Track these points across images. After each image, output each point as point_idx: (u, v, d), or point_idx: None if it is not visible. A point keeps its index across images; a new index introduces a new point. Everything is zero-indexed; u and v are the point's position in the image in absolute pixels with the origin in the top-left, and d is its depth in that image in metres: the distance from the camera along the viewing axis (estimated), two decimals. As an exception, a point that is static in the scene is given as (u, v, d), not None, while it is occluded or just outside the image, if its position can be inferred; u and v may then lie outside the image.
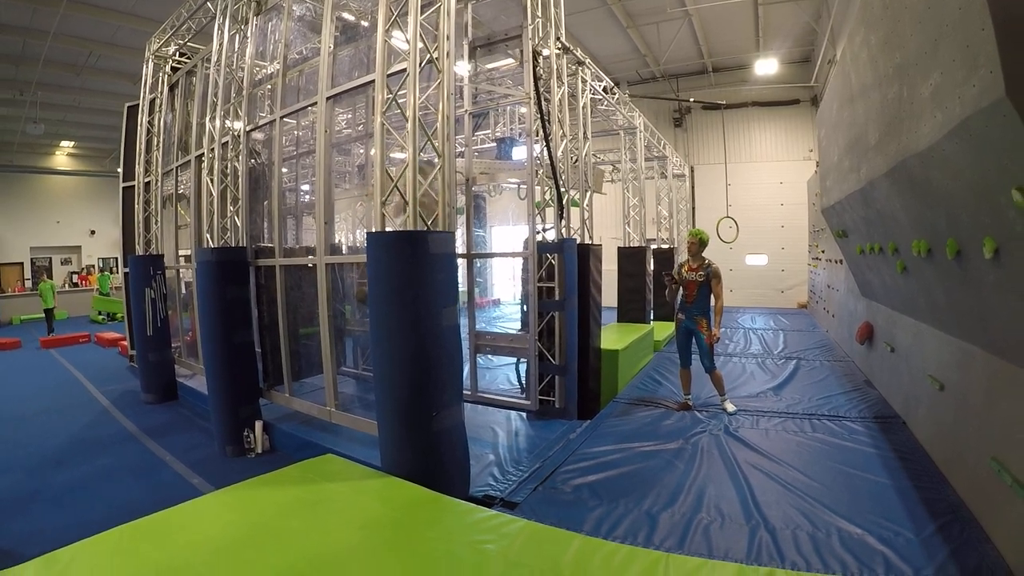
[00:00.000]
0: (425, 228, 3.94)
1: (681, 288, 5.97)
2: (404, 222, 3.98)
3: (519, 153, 8.60)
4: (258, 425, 5.58)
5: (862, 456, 4.49)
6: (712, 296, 5.87)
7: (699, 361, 5.96)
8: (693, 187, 18.27)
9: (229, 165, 6.01)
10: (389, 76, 4.11)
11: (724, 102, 15.72)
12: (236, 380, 5.68)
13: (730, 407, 5.85)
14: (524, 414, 5.89)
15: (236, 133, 6.00)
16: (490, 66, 7.11)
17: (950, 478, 3.90)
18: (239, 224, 5.93)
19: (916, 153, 3.26)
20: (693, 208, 18.15)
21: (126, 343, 10.45)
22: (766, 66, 14.74)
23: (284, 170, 6.42)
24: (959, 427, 3.90)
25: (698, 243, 5.92)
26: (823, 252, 11.78)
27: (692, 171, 18.20)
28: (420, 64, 3.99)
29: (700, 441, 4.97)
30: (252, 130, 6.02)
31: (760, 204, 17.32)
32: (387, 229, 4.02)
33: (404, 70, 4.01)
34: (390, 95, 4.08)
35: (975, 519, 3.35)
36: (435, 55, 4.08)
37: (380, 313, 3.88)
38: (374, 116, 4.17)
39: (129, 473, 5.09)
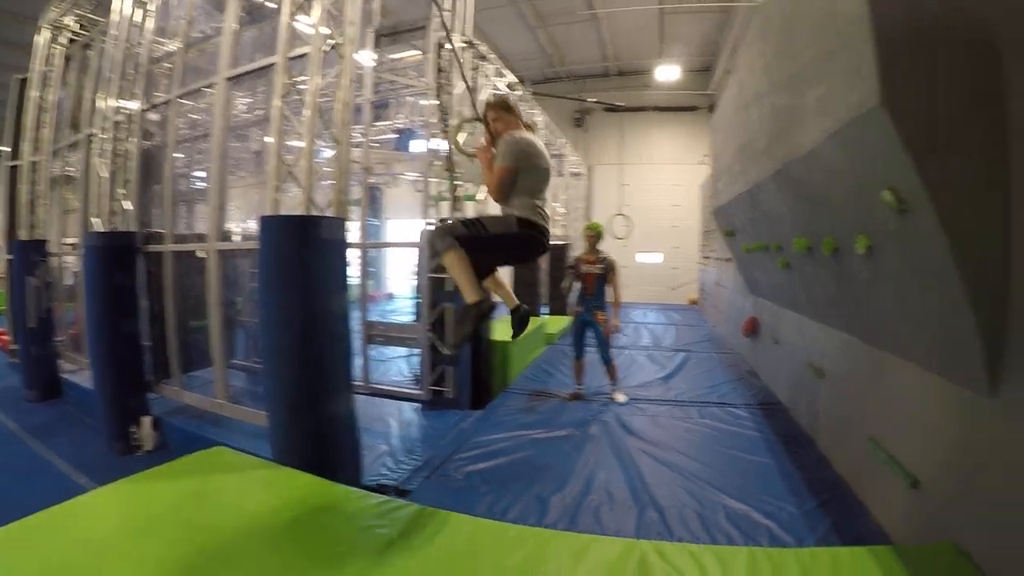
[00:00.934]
0: (318, 214, 3.87)
1: (578, 281, 6.07)
2: (297, 207, 3.90)
3: (418, 146, 8.54)
4: (146, 420, 5.23)
5: (747, 440, 4.81)
6: (609, 289, 6.04)
7: (593, 353, 6.14)
8: (590, 186, 18.76)
9: (122, 146, 5.60)
10: (291, 60, 3.99)
11: (625, 104, 16.23)
12: (123, 373, 5.31)
13: (621, 397, 6.06)
14: (417, 405, 5.89)
15: (131, 112, 5.60)
16: (394, 56, 7.03)
17: (830, 459, 4.26)
18: (129, 208, 5.55)
19: (800, 157, 3.52)
20: (589, 207, 18.64)
21: (7, 336, 9.50)
22: (668, 73, 15.35)
23: (178, 154, 6.07)
24: (838, 412, 4.26)
25: (596, 236, 6.04)
26: (713, 251, 12.46)
27: (590, 170, 18.69)
28: (323, 49, 3.90)
29: (591, 429, 5.13)
30: (148, 110, 5.64)
31: (655, 205, 18.09)
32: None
33: (306, 54, 3.91)
34: (291, 79, 3.97)
35: (854, 495, 3.69)
36: (339, 40, 4.00)
37: (270, 299, 3.79)
38: (273, 100, 4.04)
39: (10, 474, 4.67)
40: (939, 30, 2.32)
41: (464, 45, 6.16)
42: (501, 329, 7.74)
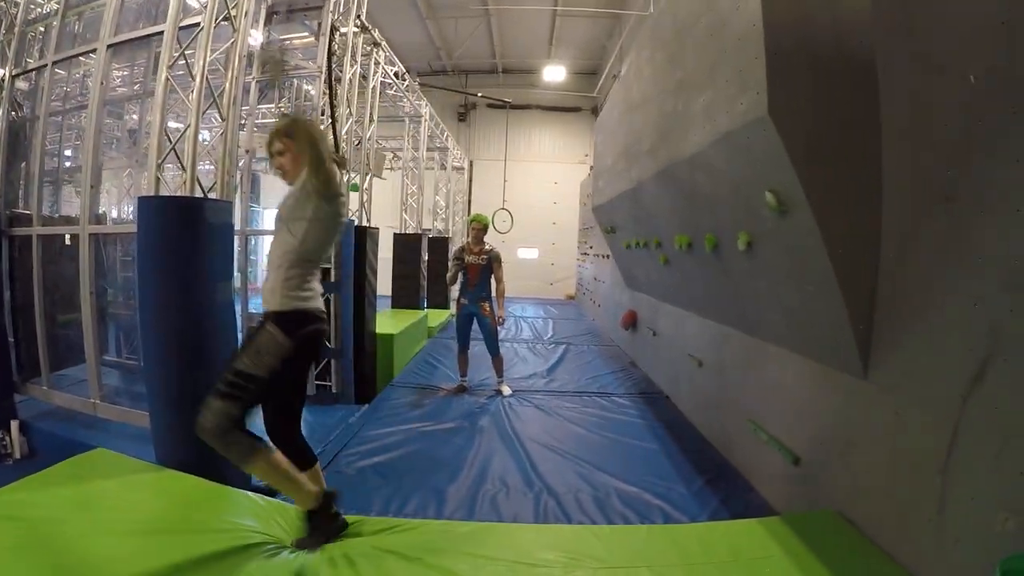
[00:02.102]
0: (202, 195, 3.66)
1: (462, 273, 6.05)
2: (179, 188, 3.67)
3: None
4: (13, 425, 4.69)
5: (632, 427, 5.05)
6: (493, 280, 6.08)
7: (477, 345, 6.19)
8: (471, 180, 18.88)
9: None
10: (181, 29, 3.72)
11: (511, 101, 16.43)
12: (-13, 374, 4.71)
13: (506, 390, 6.12)
14: None
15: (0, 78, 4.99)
16: (283, 37, 6.72)
17: (712, 441, 4.58)
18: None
19: (684, 158, 3.73)
20: (470, 200, 18.75)
21: None
22: (554, 73, 15.75)
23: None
24: (718, 397, 4.58)
25: (482, 228, 6.00)
26: (591, 248, 12.93)
27: (471, 165, 18.81)
28: (216, 20, 3.67)
29: (478, 420, 5.18)
30: (19, 75, 5.03)
31: (535, 201, 18.49)
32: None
33: (198, 24, 3.66)
34: (179, 50, 3.70)
35: (739, 473, 3.99)
36: (232, 12, 3.78)
37: (150, 288, 3.49)
38: (158, 72, 3.75)
39: None
40: (823, 48, 2.58)
41: (357, 29, 6.00)
42: (384, 321, 7.65)
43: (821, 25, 2.61)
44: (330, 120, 5.66)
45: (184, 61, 3.71)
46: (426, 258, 11.38)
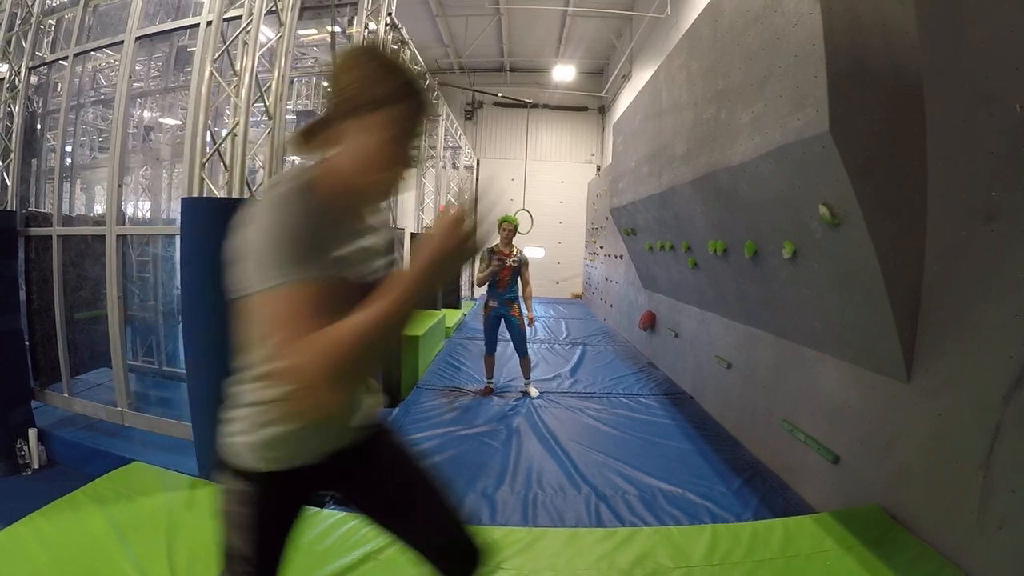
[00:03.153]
0: (250, 196, 3.68)
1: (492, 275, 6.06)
2: (225, 188, 3.68)
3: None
4: (32, 434, 4.68)
5: (662, 427, 5.16)
6: (521, 283, 6.16)
7: (503, 347, 6.21)
8: (478, 179, 18.98)
9: (3, 109, 5.01)
10: (225, 21, 3.76)
11: (531, 101, 16.47)
12: (3, 379, 4.72)
13: (534, 391, 6.20)
14: None
15: (16, 69, 5.03)
16: (302, 32, 6.79)
17: (743, 441, 4.69)
18: (8, 184, 4.98)
19: (728, 167, 3.84)
20: (476, 200, 18.83)
21: None
22: (563, 72, 15.79)
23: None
24: (748, 398, 4.69)
25: (512, 229, 6.02)
26: (602, 248, 13.02)
27: (478, 163, 18.90)
28: (263, 11, 3.71)
29: (512, 422, 5.26)
30: (36, 68, 5.09)
31: (541, 200, 18.56)
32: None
33: (239, 16, 3.71)
34: (223, 43, 3.71)
35: (772, 472, 4.10)
36: (279, 4, 3.84)
37: (195, 292, 3.50)
38: (198, 66, 3.80)
39: None
40: (876, 70, 2.69)
41: (388, 26, 6.06)
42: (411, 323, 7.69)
43: (874, 47, 2.72)
44: None
45: (226, 55, 3.72)
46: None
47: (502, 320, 6.17)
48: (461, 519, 1.57)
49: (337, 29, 6.46)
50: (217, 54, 3.69)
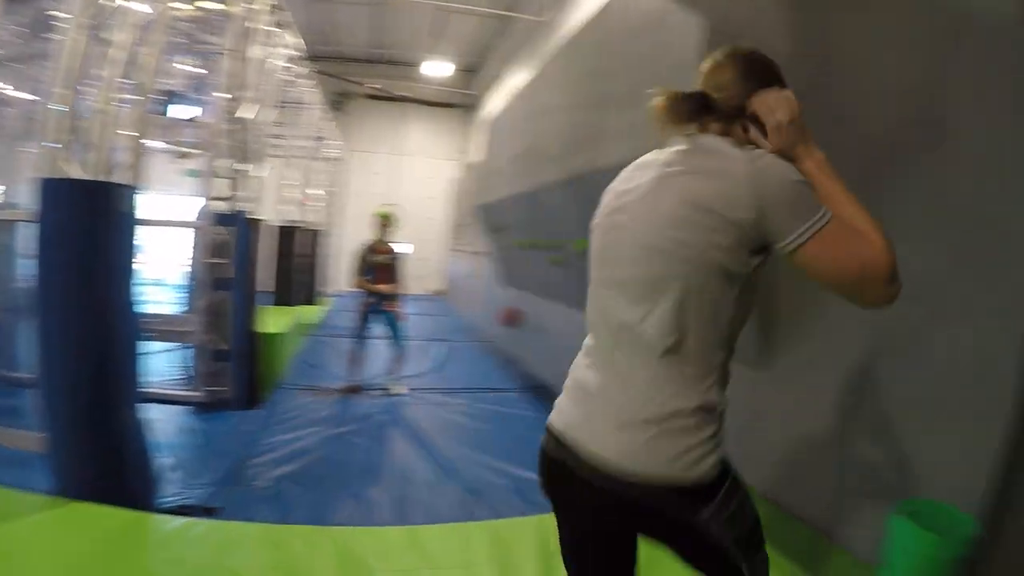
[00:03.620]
0: (110, 179, 3.20)
1: (371, 270, 5.96)
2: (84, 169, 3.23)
3: (182, 111, 7.58)
4: None
5: (530, 420, 5.28)
6: (396, 278, 6.06)
7: (374, 344, 6.16)
8: (345, 172, 18.36)
9: None
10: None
11: (405, 94, 16.03)
12: None
13: (402, 388, 6.11)
14: (188, 408, 5.21)
15: None
16: (174, 3, 6.19)
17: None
18: None
19: (601, 169, 3.99)
20: (343, 193, 18.21)
21: None
22: (437, 68, 15.57)
23: None
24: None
25: (389, 224, 5.99)
26: (465, 244, 13.10)
27: (347, 156, 18.28)
28: None
29: (379, 421, 5.16)
30: None
31: (407, 195, 18.30)
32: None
33: None
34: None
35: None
36: None
37: (52, 285, 3.02)
38: (69, 32, 3.34)
39: None
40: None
41: (272, 6, 5.69)
42: (266, 319, 7.26)
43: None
44: (229, 102, 5.30)
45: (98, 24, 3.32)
46: (301, 252, 10.90)
47: (376, 315, 6.03)
48: None
49: (213, 5, 5.98)
50: (89, 21, 3.27)
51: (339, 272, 15.77)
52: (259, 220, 6.09)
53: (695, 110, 1.29)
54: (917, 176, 2.43)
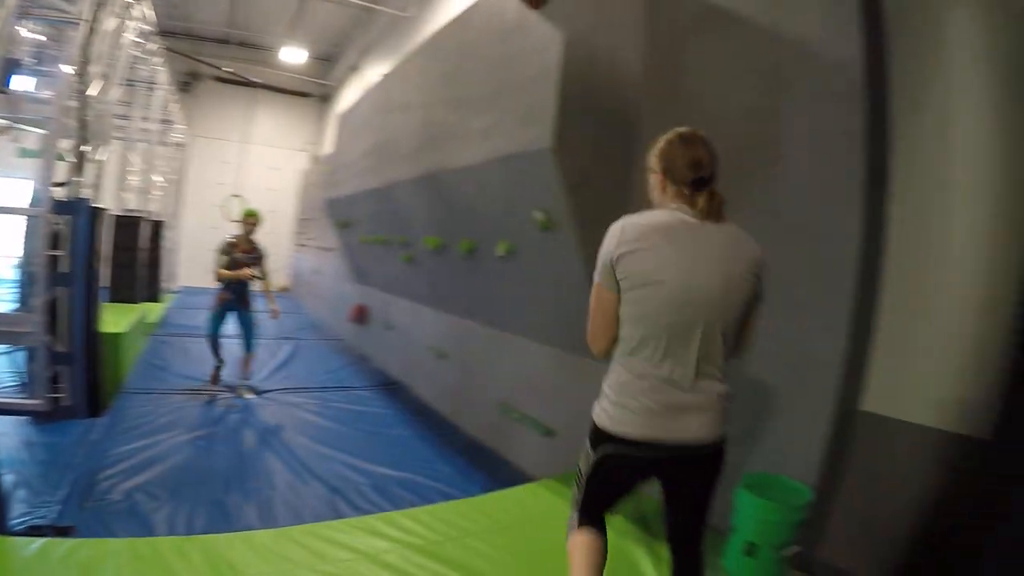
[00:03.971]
0: None
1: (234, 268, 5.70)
2: None
3: (25, 83, 6.55)
4: None
5: (381, 417, 5.30)
6: (261, 275, 5.90)
7: (230, 343, 5.94)
8: (189, 159, 16.90)
9: None
10: None
11: (254, 79, 14.91)
12: None
13: (249, 394, 5.84)
14: (25, 418, 4.62)
15: None
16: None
17: (460, 424, 5.03)
18: None
19: (453, 168, 4.10)
20: (186, 181, 16.73)
21: None
22: (292, 55, 14.74)
23: None
24: (463, 384, 5.05)
25: (255, 224, 5.88)
26: (312, 239, 12.63)
27: (191, 141, 16.83)
28: None
29: (233, 424, 4.95)
30: None
31: (253, 186, 17.20)
32: None
33: None
34: None
35: (492, 449, 4.49)
36: None
37: None
38: None
39: None
40: (601, 103, 3.18)
41: None
42: (109, 318, 6.56)
43: (602, 82, 3.21)
44: (75, 77, 4.74)
45: None
46: (143, 245, 9.88)
47: (233, 313, 5.81)
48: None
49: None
50: None
51: (182, 267, 14.70)
52: (103, 209, 5.52)
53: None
54: (752, 191, 2.79)
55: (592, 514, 1.91)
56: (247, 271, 5.73)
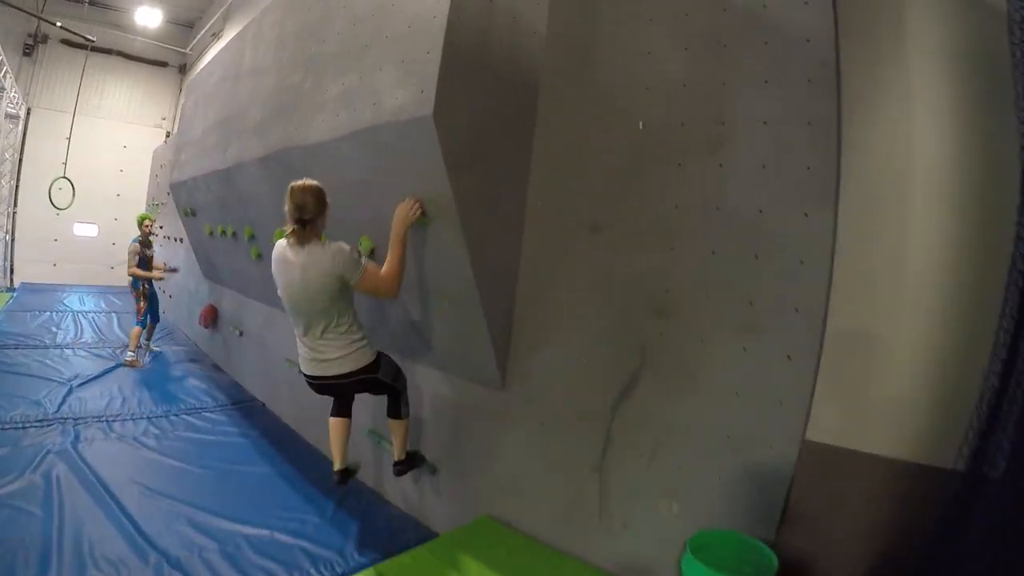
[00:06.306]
0: None
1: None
2: None
3: None
4: None
5: (235, 448, 4.34)
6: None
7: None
8: (26, 133, 14.41)
9: None
10: None
11: (94, 40, 12.63)
12: None
13: (131, 357, 6.66)
14: None
15: None
16: None
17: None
18: None
19: (303, 145, 3.30)
20: (21, 160, 14.26)
21: None
22: (148, 17, 12.82)
23: None
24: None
25: (152, 223, 7.34)
26: (161, 228, 11.02)
27: (29, 113, 14.35)
28: None
29: (52, 469, 3.72)
30: None
31: (99, 167, 14.92)
32: None
33: None
34: None
35: (367, 486, 3.72)
36: None
37: None
38: None
39: None
40: (494, 62, 2.50)
41: None
42: None
43: (498, 37, 2.52)
44: None
45: None
46: None
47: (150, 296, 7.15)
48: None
49: None
50: None
51: (21, 260, 12.72)
52: None
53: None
54: (693, 173, 2.22)
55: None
56: (157, 273, 7.51)
